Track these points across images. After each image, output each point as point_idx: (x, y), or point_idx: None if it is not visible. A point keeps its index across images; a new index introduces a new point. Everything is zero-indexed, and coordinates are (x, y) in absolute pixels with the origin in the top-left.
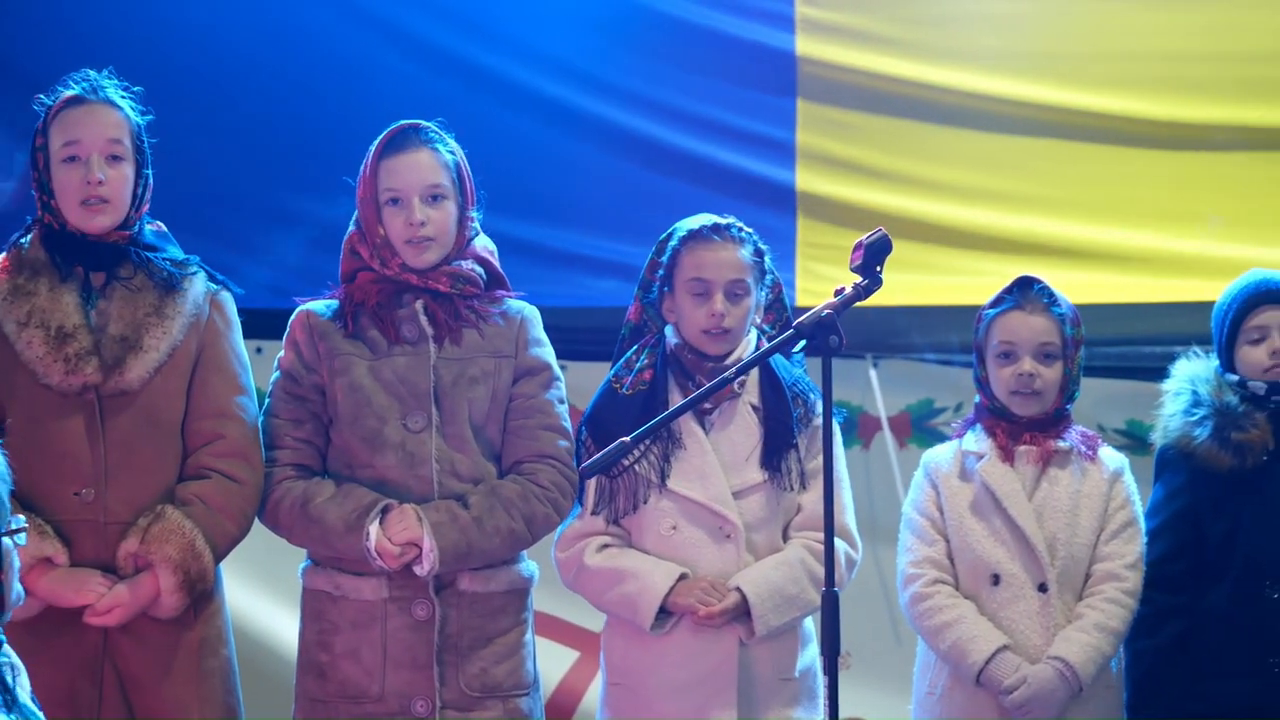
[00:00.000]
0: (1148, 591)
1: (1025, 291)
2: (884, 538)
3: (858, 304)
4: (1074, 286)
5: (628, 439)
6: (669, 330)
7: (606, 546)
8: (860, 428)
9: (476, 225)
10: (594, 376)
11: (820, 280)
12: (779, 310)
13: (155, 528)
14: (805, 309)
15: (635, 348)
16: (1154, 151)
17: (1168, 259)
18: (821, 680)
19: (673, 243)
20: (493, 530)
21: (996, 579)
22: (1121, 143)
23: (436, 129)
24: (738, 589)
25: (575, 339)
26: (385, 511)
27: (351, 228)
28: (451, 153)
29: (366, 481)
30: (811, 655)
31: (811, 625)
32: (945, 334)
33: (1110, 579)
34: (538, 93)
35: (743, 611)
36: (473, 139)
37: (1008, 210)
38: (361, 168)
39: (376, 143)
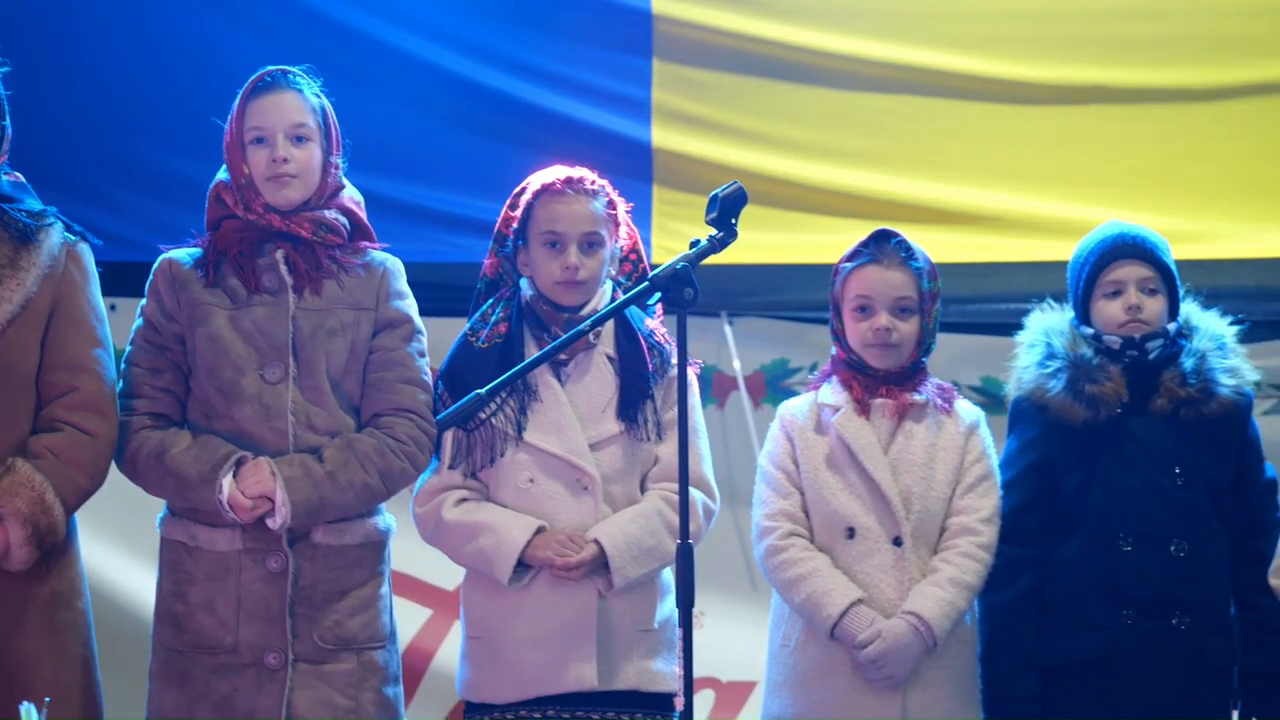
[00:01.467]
0: (1000, 544)
1: (882, 245)
2: (741, 498)
3: (714, 259)
4: (929, 245)
5: (482, 391)
6: (524, 283)
7: (464, 500)
8: (715, 387)
9: (342, 175)
10: (451, 332)
11: (676, 237)
12: (634, 262)
13: (4, 481)
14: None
15: (491, 301)
16: (1008, 109)
17: (1022, 218)
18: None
19: (526, 196)
20: (347, 484)
21: (851, 532)
22: (976, 101)
23: (303, 74)
24: (595, 541)
25: (431, 294)
26: (240, 464)
27: (219, 175)
28: (317, 96)
29: (223, 433)
30: (670, 606)
31: (670, 576)
32: (800, 292)
33: (965, 533)
34: (394, 48)
35: (601, 564)
36: (330, 93)
37: (863, 169)
38: (229, 114)
39: (245, 86)
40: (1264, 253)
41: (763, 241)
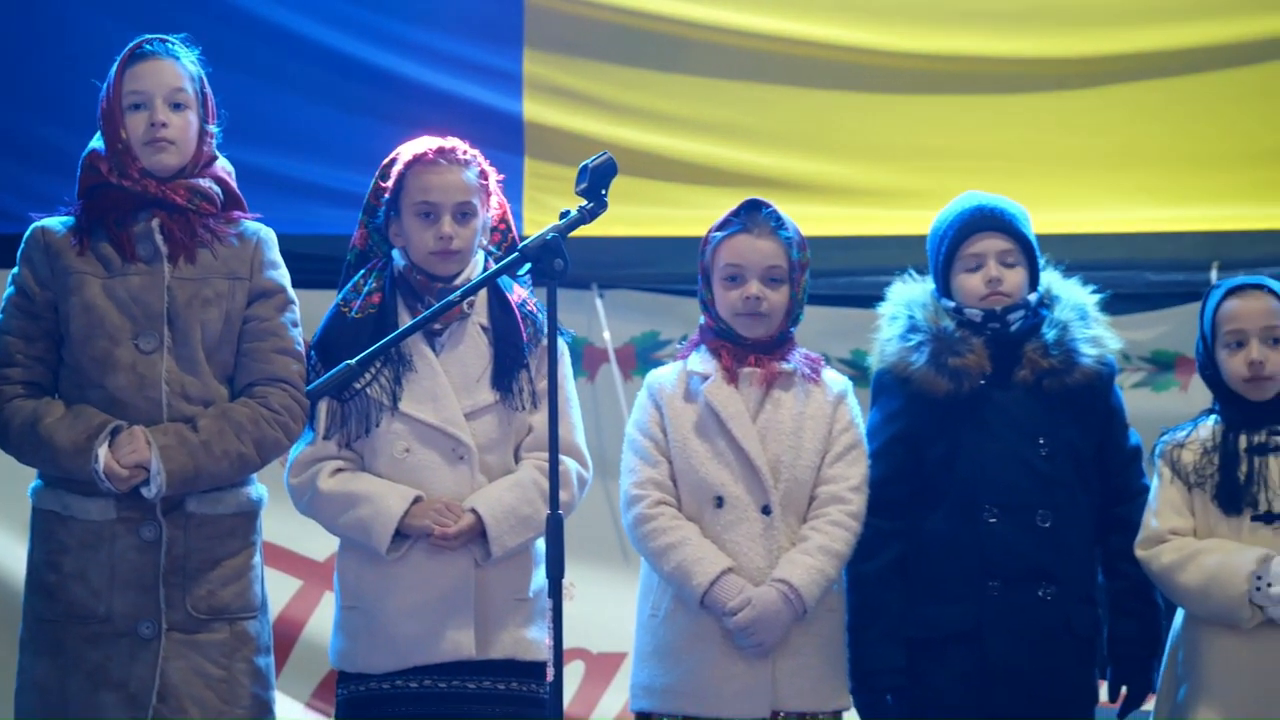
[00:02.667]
0: (866, 516)
1: (753, 214)
2: (612, 471)
3: (585, 231)
4: (800, 218)
5: (353, 361)
6: (396, 254)
7: (340, 471)
8: (586, 359)
9: (215, 147)
10: (317, 303)
11: (547, 211)
12: (503, 232)
13: None
14: None
15: (362, 272)
16: (878, 81)
17: (893, 191)
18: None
19: (397, 167)
20: (221, 454)
21: (720, 501)
22: (846, 74)
23: (180, 43)
24: (473, 510)
25: (298, 266)
26: (115, 433)
27: (92, 144)
28: (194, 65)
29: (97, 402)
30: (544, 575)
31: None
32: (672, 265)
33: (834, 501)
34: (263, 19)
35: (478, 533)
36: (201, 64)
37: (734, 144)
38: (106, 82)
39: (122, 53)
40: (1133, 227)
41: (634, 214)
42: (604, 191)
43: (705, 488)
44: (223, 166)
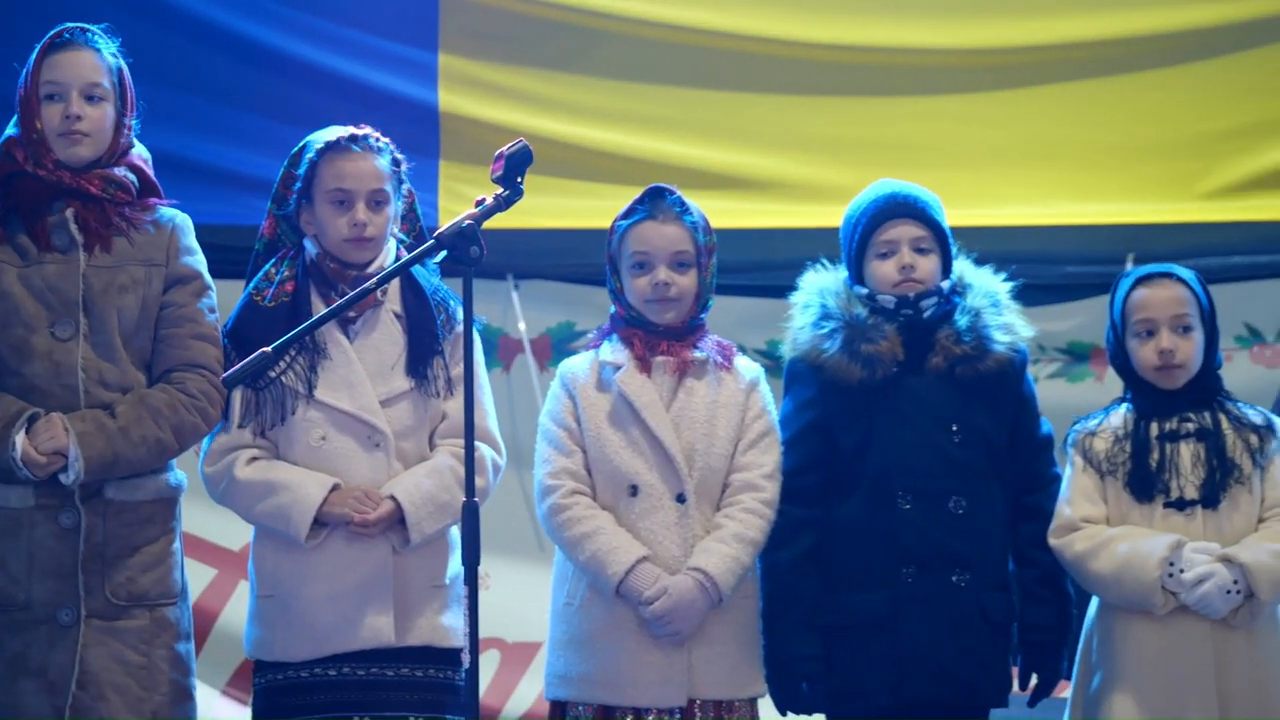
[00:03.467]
0: (780, 504)
1: (657, 201)
2: (527, 462)
3: (501, 223)
4: (715, 211)
5: (269, 349)
6: (308, 242)
7: (256, 459)
8: (501, 350)
9: (133, 136)
10: (232, 293)
11: (463, 201)
12: (413, 220)
13: None
14: None
15: (273, 261)
16: (796, 76)
17: (809, 185)
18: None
19: (309, 155)
20: (139, 440)
21: (634, 490)
22: (763, 70)
23: (101, 33)
24: (391, 497)
25: (221, 257)
26: (32, 420)
27: (9, 131)
28: (114, 56)
29: (14, 390)
30: (460, 563)
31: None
32: (587, 256)
33: (748, 489)
34: (182, 10)
35: (397, 520)
36: (121, 54)
37: (650, 136)
38: (25, 68)
39: (42, 41)
40: (1050, 220)
41: (550, 205)
42: (520, 179)
43: (620, 477)
44: (139, 154)
